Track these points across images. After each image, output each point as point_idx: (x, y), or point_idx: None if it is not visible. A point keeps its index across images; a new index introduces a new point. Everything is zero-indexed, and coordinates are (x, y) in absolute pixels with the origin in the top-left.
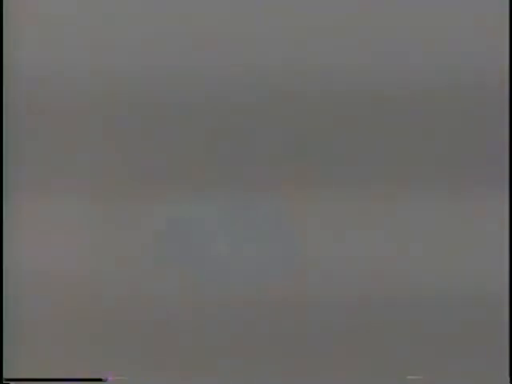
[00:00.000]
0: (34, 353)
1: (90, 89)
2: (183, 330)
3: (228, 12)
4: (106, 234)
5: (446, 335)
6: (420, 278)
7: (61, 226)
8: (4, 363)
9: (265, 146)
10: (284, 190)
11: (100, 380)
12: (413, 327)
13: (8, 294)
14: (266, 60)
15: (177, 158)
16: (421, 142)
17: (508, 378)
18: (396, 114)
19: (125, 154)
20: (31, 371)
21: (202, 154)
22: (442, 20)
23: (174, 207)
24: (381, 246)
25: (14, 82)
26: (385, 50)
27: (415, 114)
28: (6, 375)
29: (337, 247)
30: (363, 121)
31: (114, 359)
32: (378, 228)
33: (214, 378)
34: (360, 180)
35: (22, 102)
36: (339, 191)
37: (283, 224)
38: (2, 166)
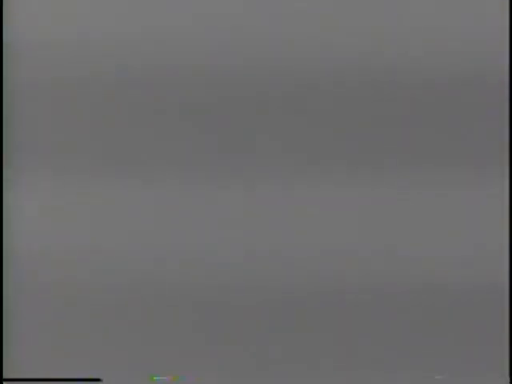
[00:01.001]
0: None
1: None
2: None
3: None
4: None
5: (444, 333)
6: (418, 270)
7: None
8: (4, 362)
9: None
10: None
11: (99, 380)
12: (409, 321)
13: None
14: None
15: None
16: (421, 138)
17: (508, 379)
18: (394, 112)
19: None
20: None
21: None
22: (442, 19)
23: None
24: (379, 236)
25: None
26: (383, 49)
27: (413, 113)
28: (5, 375)
29: (336, 235)
30: (363, 115)
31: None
32: (378, 216)
33: None
34: (360, 170)
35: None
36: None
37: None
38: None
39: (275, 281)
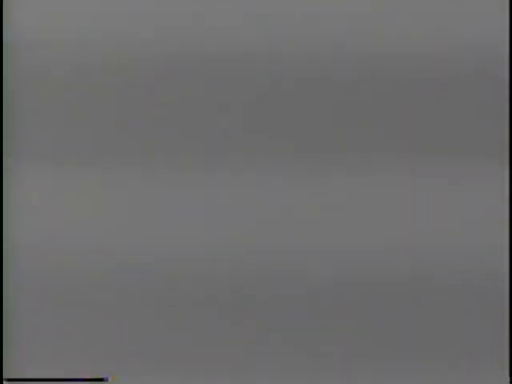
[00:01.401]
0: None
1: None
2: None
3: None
4: None
5: (444, 332)
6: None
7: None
8: (4, 362)
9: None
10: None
11: (101, 380)
12: (409, 321)
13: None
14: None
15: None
16: (421, 138)
17: (508, 379)
18: (394, 112)
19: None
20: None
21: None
22: (442, 19)
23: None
24: (379, 235)
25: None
26: (383, 49)
27: (413, 112)
28: (5, 375)
29: (336, 234)
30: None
31: None
32: (378, 215)
33: None
34: (360, 169)
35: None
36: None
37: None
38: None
39: (275, 280)
